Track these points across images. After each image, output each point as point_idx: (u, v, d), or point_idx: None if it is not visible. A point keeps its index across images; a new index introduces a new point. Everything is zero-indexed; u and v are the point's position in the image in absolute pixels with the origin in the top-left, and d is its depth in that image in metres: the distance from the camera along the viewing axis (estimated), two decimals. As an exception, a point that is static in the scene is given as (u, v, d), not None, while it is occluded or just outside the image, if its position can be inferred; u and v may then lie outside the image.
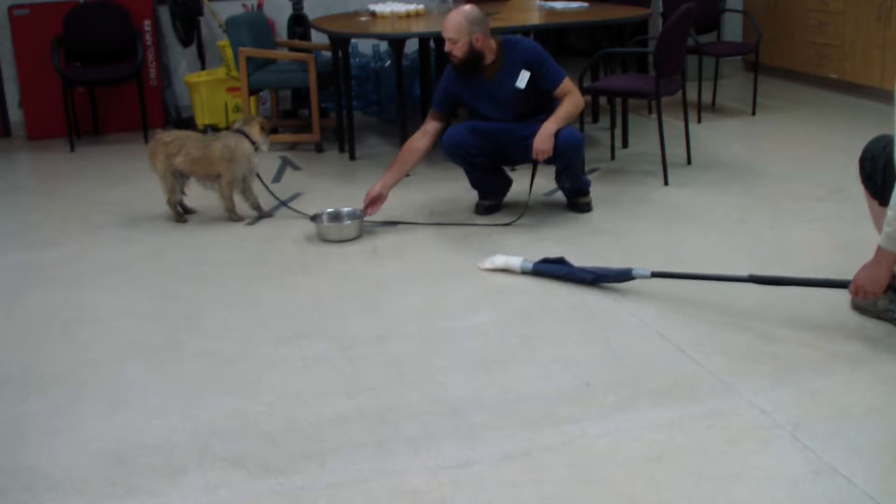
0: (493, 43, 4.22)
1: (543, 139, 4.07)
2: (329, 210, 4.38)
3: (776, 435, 2.46)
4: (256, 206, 4.55)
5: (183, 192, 4.62)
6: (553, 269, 3.61)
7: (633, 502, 2.22)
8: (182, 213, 4.60)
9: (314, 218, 4.32)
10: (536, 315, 3.33)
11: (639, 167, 5.23)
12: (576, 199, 4.46)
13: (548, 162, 4.16)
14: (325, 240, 4.21)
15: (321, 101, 6.05)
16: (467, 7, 4.20)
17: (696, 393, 2.71)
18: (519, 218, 4.29)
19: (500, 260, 3.74)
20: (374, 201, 4.27)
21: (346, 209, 4.37)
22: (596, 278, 3.49)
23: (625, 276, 3.44)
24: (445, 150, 4.39)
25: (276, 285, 3.72)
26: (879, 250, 2.78)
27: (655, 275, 3.39)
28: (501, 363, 2.96)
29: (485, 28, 4.16)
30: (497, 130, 4.30)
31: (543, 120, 4.13)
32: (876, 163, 2.99)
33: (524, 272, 3.66)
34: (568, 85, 4.22)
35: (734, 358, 2.91)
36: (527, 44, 4.29)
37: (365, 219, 4.30)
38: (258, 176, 4.55)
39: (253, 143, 4.45)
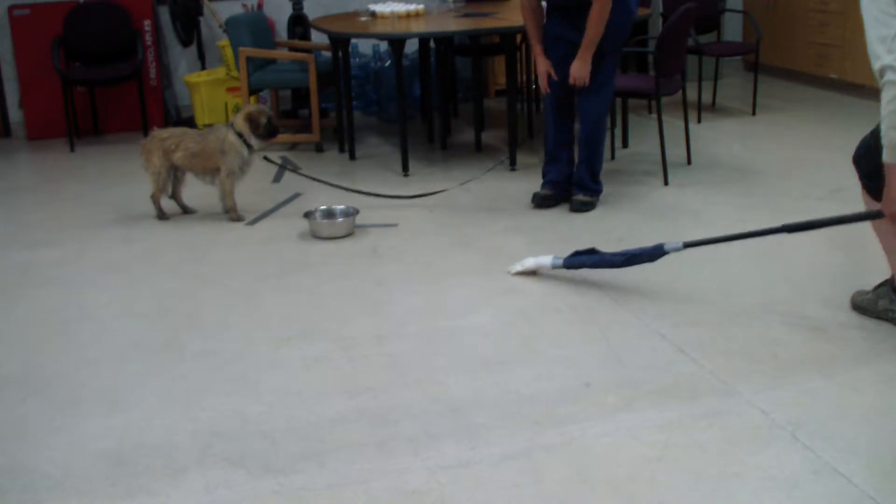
0: None
1: (579, 68, 4.29)
2: (322, 207, 4.41)
3: (776, 435, 2.46)
4: (230, 208, 4.55)
5: (174, 191, 4.63)
6: (584, 260, 3.56)
7: (633, 502, 2.22)
8: (164, 212, 4.60)
9: (307, 215, 4.35)
10: (537, 315, 3.33)
11: (639, 167, 5.23)
12: (578, 197, 4.47)
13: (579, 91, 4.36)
14: (316, 236, 4.24)
15: (321, 101, 6.06)
16: None
17: (696, 393, 2.71)
18: (496, 165, 4.29)
19: (530, 262, 3.68)
20: (548, 73, 4.42)
21: (339, 207, 4.40)
22: (627, 259, 3.43)
23: (658, 252, 3.37)
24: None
25: (276, 285, 3.72)
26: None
27: (688, 245, 3.32)
28: (502, 363, 2.95)
29: None
30: (559, 57, 4.40)
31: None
32: (871, 153, 2.99)
33: (556, 269, 3.63)
34: None
35: (734, 358, 2.91)
36: None
37: (358, 218, 4.33)
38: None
39: (239, 135, 4.44)
